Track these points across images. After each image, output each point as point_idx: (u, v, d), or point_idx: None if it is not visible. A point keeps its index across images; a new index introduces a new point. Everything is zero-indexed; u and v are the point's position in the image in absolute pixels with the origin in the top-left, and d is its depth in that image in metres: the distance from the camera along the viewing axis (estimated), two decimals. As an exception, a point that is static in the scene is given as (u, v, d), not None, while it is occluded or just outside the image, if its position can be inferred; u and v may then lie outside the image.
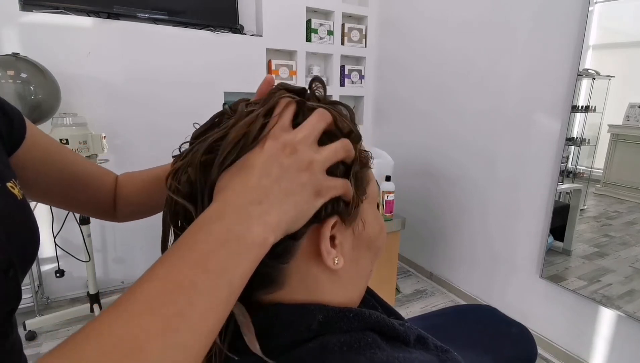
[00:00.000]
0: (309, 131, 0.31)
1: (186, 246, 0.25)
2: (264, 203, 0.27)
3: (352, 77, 2.63)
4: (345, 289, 0.38)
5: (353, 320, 0.35)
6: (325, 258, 0.33)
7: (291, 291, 0.35)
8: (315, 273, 0.35)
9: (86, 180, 0.56)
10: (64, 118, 1.58)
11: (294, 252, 0.34)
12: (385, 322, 0.37)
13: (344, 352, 0.32)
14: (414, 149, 2.39)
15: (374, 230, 0.39)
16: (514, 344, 0.81)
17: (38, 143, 0.49)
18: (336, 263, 0.34)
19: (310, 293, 0.36)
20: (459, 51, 2.01)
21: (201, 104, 2.13)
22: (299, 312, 0.34)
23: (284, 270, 0.34)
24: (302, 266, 0.34)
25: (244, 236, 0.26)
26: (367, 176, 0.38)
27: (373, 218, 0.39)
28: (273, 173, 0.28)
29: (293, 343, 0.33)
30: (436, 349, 0.40)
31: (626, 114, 1.40)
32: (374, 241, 0.40)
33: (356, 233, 0.37)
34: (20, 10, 1.71)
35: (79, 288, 2.07)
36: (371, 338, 0.34)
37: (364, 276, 0.40)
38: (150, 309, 0.23)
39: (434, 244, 2.31)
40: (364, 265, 0.40)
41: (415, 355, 0.36)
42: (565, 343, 1.64)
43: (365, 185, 0.38)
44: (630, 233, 1.45)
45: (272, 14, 2.25)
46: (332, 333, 0.34)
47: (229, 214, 0.26)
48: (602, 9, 1.42)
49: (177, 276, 0.24)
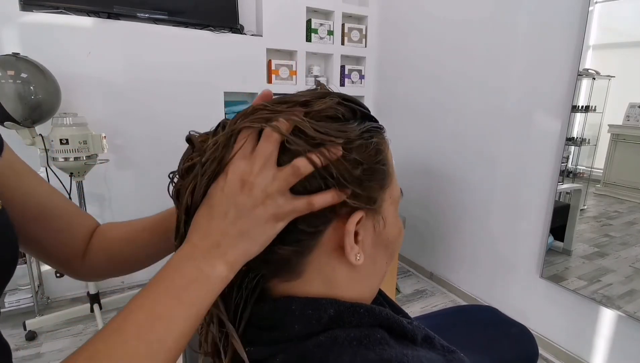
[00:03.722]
0: (263, 160, 0.32)
1: (165, 282, 0.31)
2: (222, 245, 0.32)
3: (352, 77, 2.63)
4: (360, 286, 0.39)
5: (364, 315, 0.36)
6: (348, 252, 0.34)
7: (307, 282, 0.36)
8: (334, 266, 0.36)
9: (60, 217, 0.49)
10: (64, 118, 1.58)
11: (312, 247, 0.35)
12: (395, 320, 0.37)
13: (354, 347, 0.33)
14: (414, 149, 2.39)
15: (394, 230, 0.40)
16: (515, 344, 0.81)
17: (13, 167, 0.45)
18: (357, 259, 0.35)
19: (325, 287, 0.36)
20: (459, 50, 2.01)
21: (201, 104, 2.13)
22: (311, 305, 0.35)
23: (304, 261, 0.35)
24: (323, 259, 0.35)
25: (210, 274, 0.31)
26: (388, 175, 0.38)
27: (393, 218, 0.40)
28: (230, 216, 0.32)
29: (304, 336, 0.34)
30: (442, 349, 0.41)
31: (626, 114, 1.40)
32: (393, 241, 0.40)
33: (377, 231, 0.37)
34: (20, 10, 1.71)
35: (79, 288, 2.06)
36: (380, 334, 0.35)
37: (379, 276, 0.41)
38: (137, 336, 0.28)
39: (434, 244, 2.31)
40: (381, 265, 0.40)
41: (423, 354, 0.37)
42: (566, 343, 1.64)
43: (384, 184, 0.37)
44: (630, 233, 1.45)
45: (272, 14, 2.25)
46: (342, 328, 0.35)
47: (196, 256, 0.32)
48: (602, 9, 1.42)
49: (158, 308, 0.30)
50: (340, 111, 0.35)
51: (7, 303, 1.79)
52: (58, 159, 1.58)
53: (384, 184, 0.37)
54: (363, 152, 0.35)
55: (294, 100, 0.35)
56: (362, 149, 0.35)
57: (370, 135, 0.36)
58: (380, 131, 0.39)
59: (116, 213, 2.07)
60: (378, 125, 0.39)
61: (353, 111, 0.36)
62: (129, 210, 2.08)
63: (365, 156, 0.35)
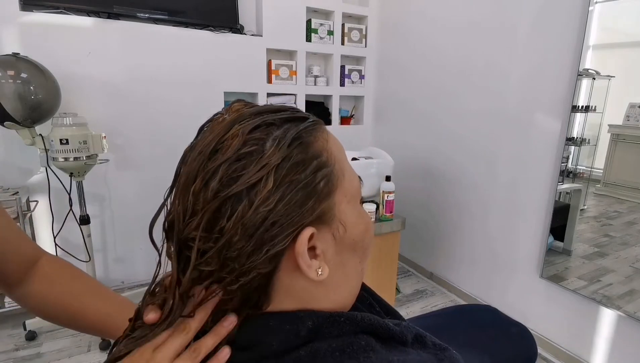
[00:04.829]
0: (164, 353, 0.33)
1: None
2: None
3: (352, 77, 2.63)
4: (335, 294, 0.37)
5: (344, 324, 0.34)
6: (306, 272, 0.32)
7: (280, 303, 0.35)
8: (301, 284, 0.34)
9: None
10: (64, 118, 1.58)
11: (272, 282, 0.34)
12: (379, 324, 0.36)
13: (337, 357, 0.32)
14: (414, 149, 2.39)
15: (358, 230, 0.37)
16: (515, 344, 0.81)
17: None
18: (319, 275, 0.33)
19: (299, 303, 0.35)
20: (459, 50, 2.01)
21: (201, 104, 2.13)
22: (288, 319, 0.34)
23: (267, 290, 0.34)
24: (286, 281, 0.34)
25: None
26: (333, 177, 0.34)
27: (355, 217, 0.37)
28: None
29: (282, 351, 0.33)
30: (434, 347, 0.40)
31: (626, 114, 1.40)
32: (359, 241, 0.38)
33: (337, 237, 0.35)
34: (20, 10, 1.71)
35: (79, 288, 2.06)
36: (365, 341, 0.34)
37: (353, 278, 0.39)
38: None
39: (434, 244, 2.31)
40: (352, 267, 0.38)
41: (412, 357, 0.36)
42: (566, 343, 1.64)
43: (330, 191, 0.33)
44: (630, 233, 1.45)
45: (272, 14, 2.25)
46: (323, 339, 0.33)
47: None
48: (602, 9, 1.42)
49: None
50: (251, 142, 0.31)
51: (7, 303, 1.79)
52: (58, 159, 1.58)
53: (330, 191, 0.33)
54: (295, 173, 0.31)
55: (204, 152, 0.32)
56: (293, 171, 0.31)
57: (299, 142, 0.32)
58: (309, 126, 0.34)
59: (116, 213, 2.08)
60: (304, 123, 0.34)
61: (269, 124, 0.33)
62: (129, 210, 2.09)
63: (300, 178, 0.31)
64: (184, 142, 0.37)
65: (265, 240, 0.31)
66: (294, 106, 0.37)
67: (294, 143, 0.32)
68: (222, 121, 0.34)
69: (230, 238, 0.30)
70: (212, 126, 0.34)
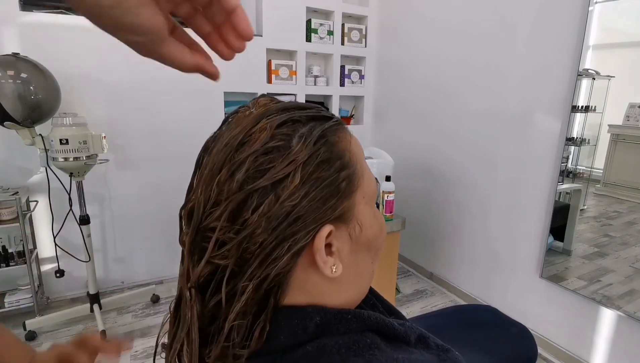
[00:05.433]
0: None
1: None
2: None
3: (352, 77, 2.63)
4: (345, 291, 0.38)
5: (351, 321, 0.35)
6: (322, 268, 0.33)
7: (290, 297, 0.35)
8: (315, 281, 0.35)
9: None
10: (64, 118, 1.58)
11: (288, 277, 0.34)
12: (385, 323, 0.36)
13: (342, 354, 0.32)
14: (414, 149, 2.39)
15: (373, 230, 0.38)
16: (515, 344, 0.81)
17: None
18: (334, 272, 0.34)
19: (309, 298, 0.35)
20: (459, 50, 2.01)
21: (201, 104, 2.13)
22: (296, 315, 0.34)
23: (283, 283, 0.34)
24: (301, 276, 0.34)
25: None
26: (355, 177, 0.35)
27: (371, 218, 0.38)
28: None
29: (291, 346, 0.33)
30: (437, 348, 0.40)
31: (626, 114, 1.40)
32: (373, 242, 0.39)
33: (353, 237, 0.36)
34: (20, 10, 1.71)
35: (79, 288, 2.06)
36: (370, 339, 0.34)
37: (365, 278, 0.40)
38: None
39: (434, 244, 2.31)
40: (365, 267, 0.39)
41: (415, 356, 0.36)
42: (566, 343, 1.64)
43: (351, 190, 0.34)
44: (630, 233, 1.45)
45: (272, 14, 2.25)
46: (330, 335, 0.34)
47: None
48: (602, 9, 1.42)
49: None
50: (278, 136, 0.32)
51: (7, 303, 1.79)
52: (58, 159, 1.58)
53: (351, 191, 0.34)
54: (321, 171, 0.32)
55: (231, 143, 0.32)
56: (319, 169, 0.32)
57: (324, 140, 0.33)
58: (333, 126, 0.35)
59: (116, 213, 2.08)
60: (329, 122, 0.35)
61: (295, 121, 0.33)
62: (129, 210, 2.09)
63: (324, 175, 0.32)
64: (184, 141, 0.37)
65: (287, 235, 0.31)
66: (318, 105, 0.38)
67: (320, 141, 0.33)
68: (248, 114, 0.35)
69: (253, 231, 0.30)
70: (238, 119, 0.35)
